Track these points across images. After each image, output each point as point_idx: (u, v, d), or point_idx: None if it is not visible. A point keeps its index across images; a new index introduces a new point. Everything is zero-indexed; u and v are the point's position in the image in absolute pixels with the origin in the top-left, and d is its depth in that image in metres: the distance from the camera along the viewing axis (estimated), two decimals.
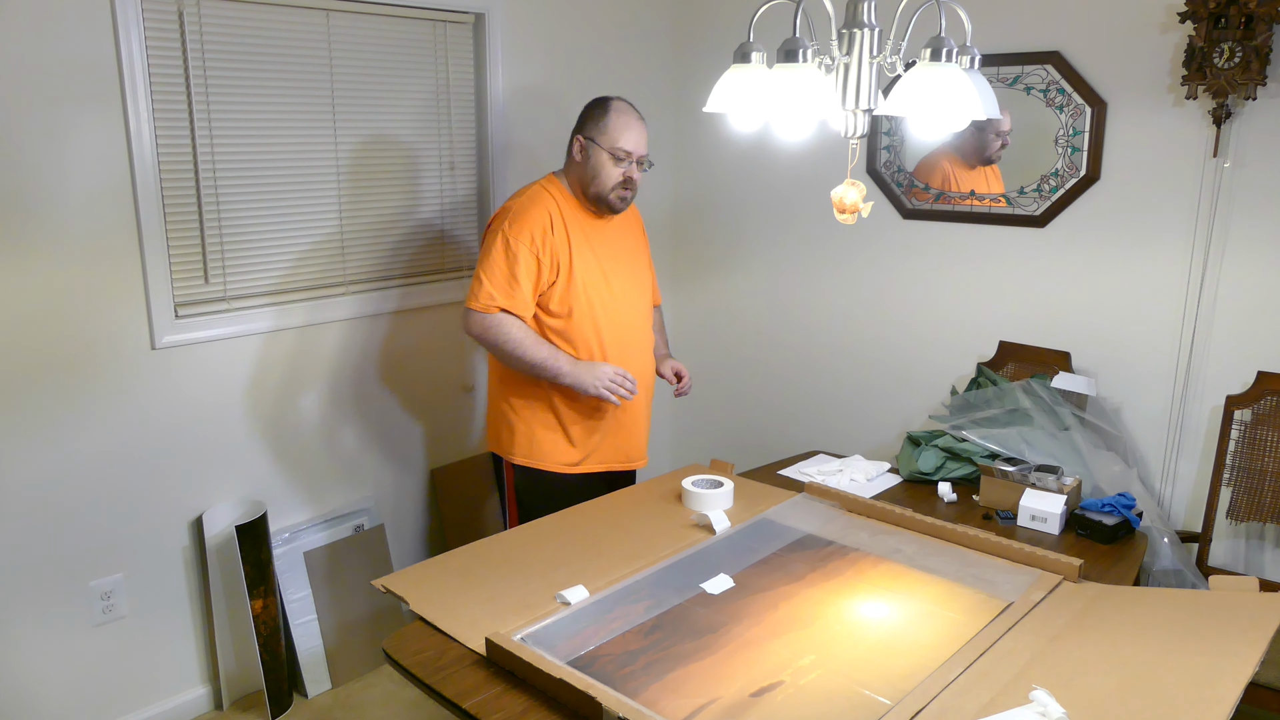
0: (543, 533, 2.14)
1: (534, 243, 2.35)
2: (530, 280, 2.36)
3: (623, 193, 2.42)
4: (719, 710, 1.49)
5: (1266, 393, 2.57)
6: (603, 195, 2.41)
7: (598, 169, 2.39)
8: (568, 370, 2.37)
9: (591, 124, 2.41)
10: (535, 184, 2.49)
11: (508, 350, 2.37)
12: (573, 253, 2.41)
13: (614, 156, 2.38)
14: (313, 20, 2.67)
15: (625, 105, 2.43)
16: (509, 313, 2.36)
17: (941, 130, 1.83)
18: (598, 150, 2.38)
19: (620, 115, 2.39)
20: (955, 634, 1.69)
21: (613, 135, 2.37)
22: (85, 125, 2.29)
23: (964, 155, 3.01)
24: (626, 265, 2.55)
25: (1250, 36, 2.38)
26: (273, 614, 2.70)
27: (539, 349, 2.37)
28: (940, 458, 2.57)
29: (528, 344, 2.36)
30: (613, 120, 2.38)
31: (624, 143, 2.37)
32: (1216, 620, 1.67)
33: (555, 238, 2.39)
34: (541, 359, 2.36)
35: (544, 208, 2.40)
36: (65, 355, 2.35)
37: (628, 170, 2.40)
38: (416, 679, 1.61)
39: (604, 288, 2.47)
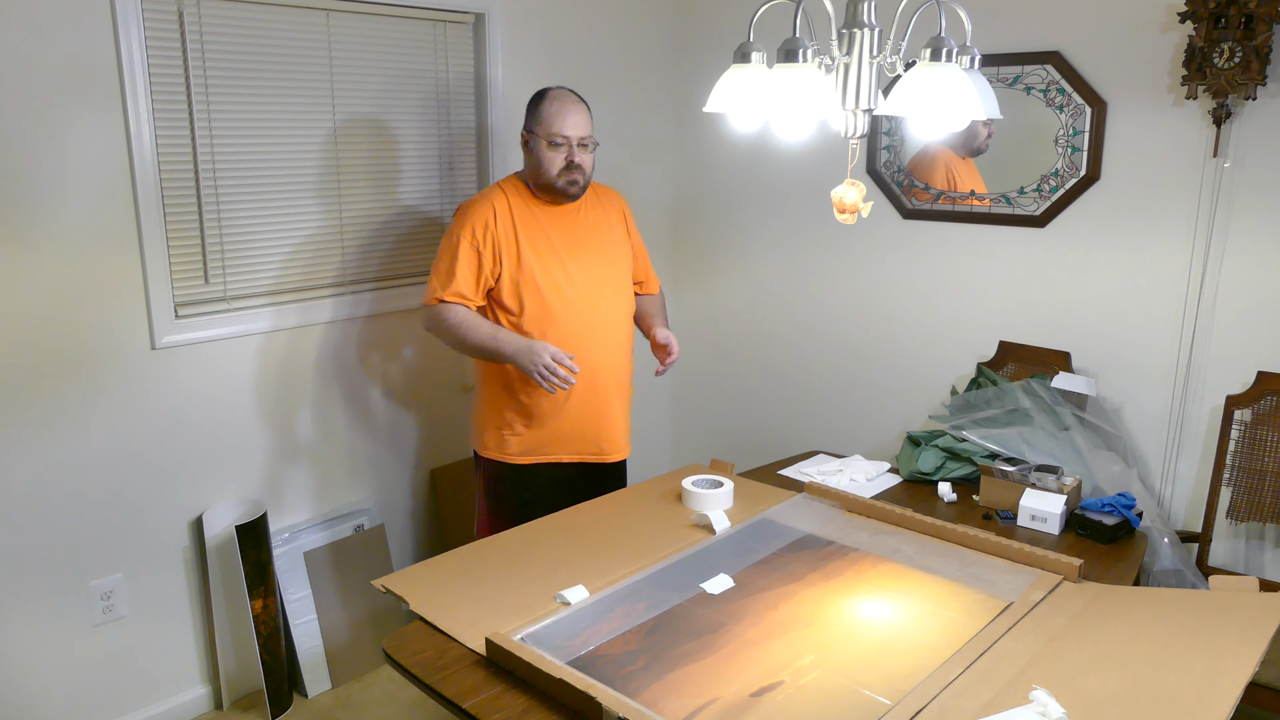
0: (543, 533, 2.14)
1: (473, 235, 2.39)
2: (470, 269, 2.39)
3: (570, 176, 2.41)
4: (719, 710, 1.49)
5: (1266, 393, 2.57)
6: (551, 183, 2.42)
7: (540, 158, 2.41)
8: (509, 351, 2.34)
9: (530, 116, 2.44)
10: (493, 184, 2.55)
11: (452, 335, 2.40)
12: (520, 244, 2.41)
13: (551, 143, 2.39)
14: (313, 20, 2.67)
15: (561, 92, 2.45)
16: (449, 302, 2.39)
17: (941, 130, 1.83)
18: (538, 140, 2.41)
19: (553, 102, 2.41)
20: (955, 634, 1.69)
21: (548, 122, 2.39)
22: (85, 125, 2.29)
23: (954, 146, 3.02)
24: (597, 257, 2.52)
25: (1250, 36, 2.38)
26: (273, 614, 2.70)
27: (479, 330, 2.37)
28: (940, 458, 2.57)
29: (466, 327, 2.37)
30: (546, 108, 2.41)
31: (558, 127, 2.38)
32: (1216, 620, 1.67)
33: (499, 229, 2.41)
34: (482, 340, 2.37)
35: (488, 201, 2.44)
36: (65, 355, 2.35)
37: (569, 154, 2.40)
38: (416, 679, 1.61)
39: (563, 278, 2.45)
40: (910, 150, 3.13)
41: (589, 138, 2.44)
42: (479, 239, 2.40)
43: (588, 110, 2.46)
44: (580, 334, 2.45)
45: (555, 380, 2.29)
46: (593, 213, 2.56)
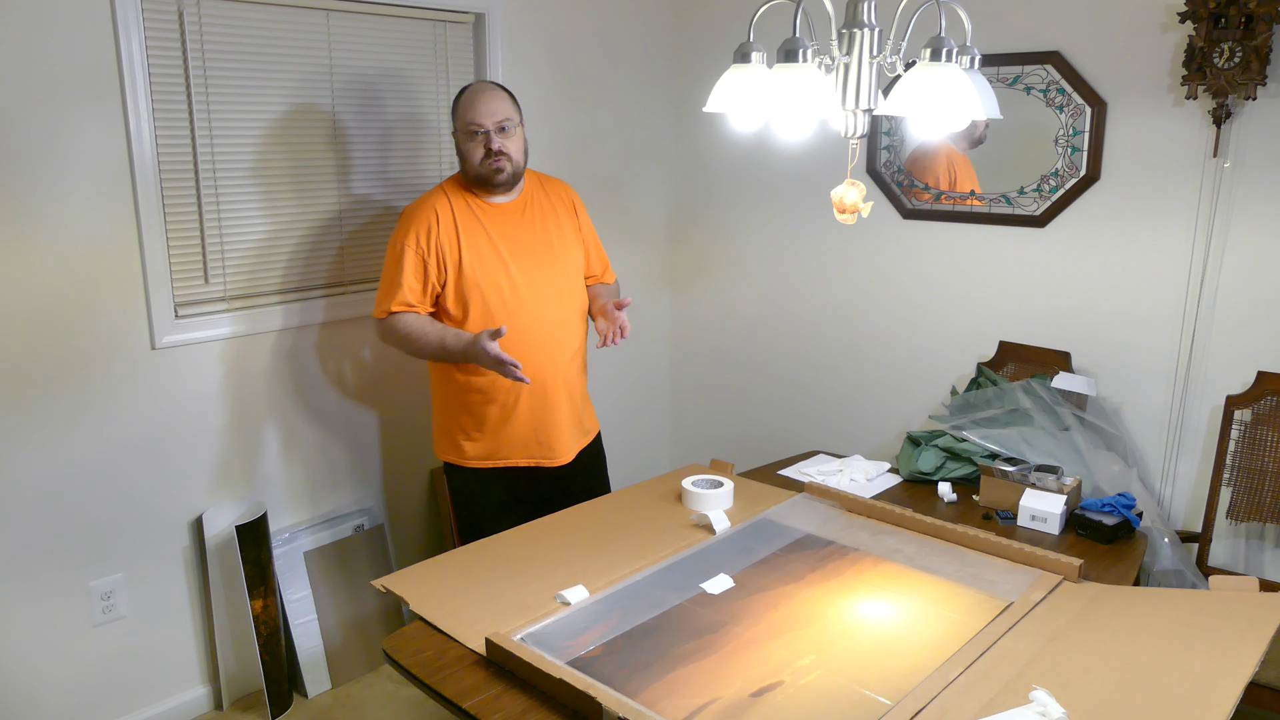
0: (543, 533, 2.14)
1: (418, 242, 2.36)
2: (416, 278, 2.37)
3: (493, 163, 2.37)
4: (719, 710, 1.49)
5: (1266, 393, 2.57)
6: (478, 174, 2.39)
7: (463, 151, 2.40)
8: (458, 352, 2.31)
9: (453, 115, 2.44)
10: (436, 185, 2.52)
11: (405, 343, 2.38)
12: (462, 247, 2.38)
13: (469, 134, 2.37)
14: (313, 20, 2.67)
15: (478, 84, 2.44)
16: (397, 312, 2.37)
17: (941, 130, 1.83)
18: (458, 136, 2.41)
19: (466, 94, 2.40)
20: (955, 634, 1.69)
21: (462, 114, 2.38)
22: (85, 125, 2.29)
23: (954, 140, 3.02)
24: (542, 255, 2.47)
25: (1250, 36, 2.38)
26: (273, 614, 2.70)
27: (428, 336, 2.35)
28: (940, 458, 2.57)
29: (415, 335, 2.35)
30: (461, 101, 2.40)
31: (471, 116, 2.36)
32: (1216, 620, 1.67)
33: (442, 233, 2.37)
34: (432, 346, 2.35)
35: (430, 206, 2.40)
36: (65, 355, 2.35)
37: (486, 141, 2.35)
38: (416, 679, 1.61)
39: (504, 279, 2.41)
40: (909, 148, 3.13)
41: (507, 120, 2.38)
42: (423, 246, 2.36)
43: (506, 94, 2.42)
44: (526, 338, 2.41)
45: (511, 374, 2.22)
46: (539, 209, 2.51)
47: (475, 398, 2.44)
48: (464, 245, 2.39)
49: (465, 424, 2.47)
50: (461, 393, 2.45)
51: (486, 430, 2.47)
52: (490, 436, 2.47)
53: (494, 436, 2.47)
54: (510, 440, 2.47)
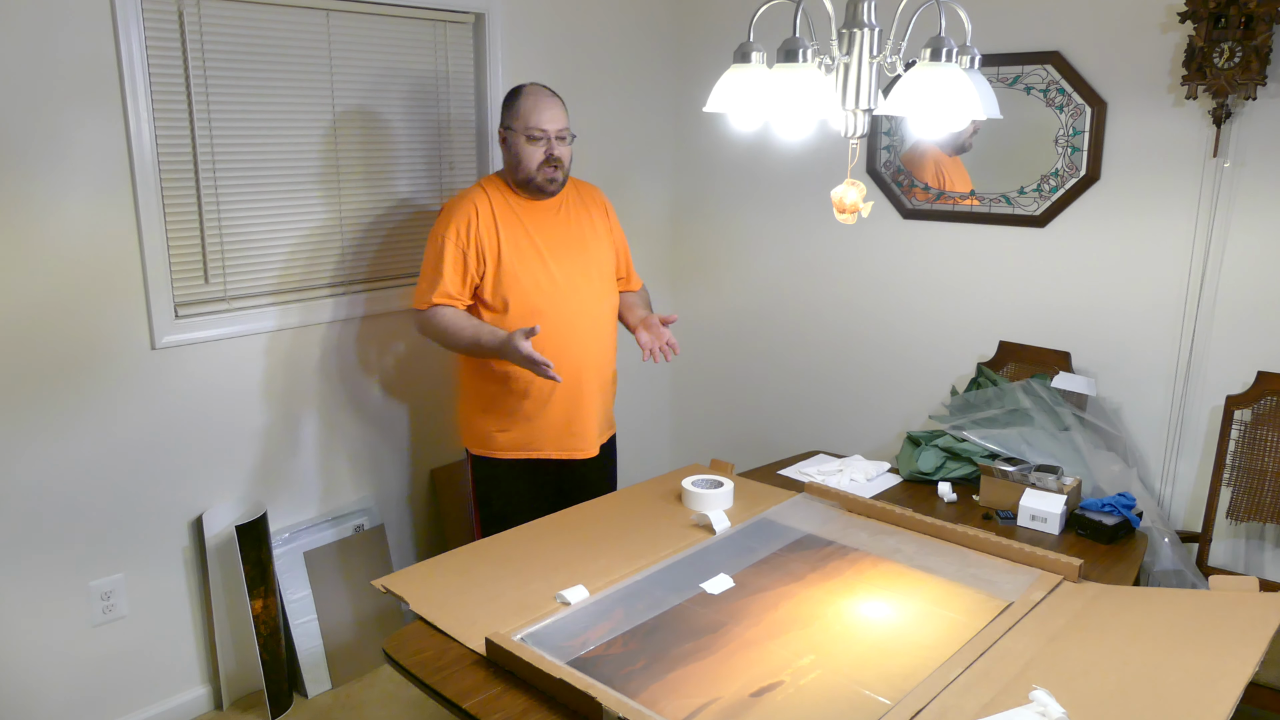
0: (543, 533, 2.14)
1: (458, 235, 2.41)
2: (456, 270, 2.42)
3: (549, 172, 2.44)
4: (719, 710, 1.49)
5: (1266, 393, 2.57)
6: (530, 178, 2.44)
7: (519, 153, 2.43)
8: (491, 349, 2.35)
9: (507, 113, 2.46)
10: (475, 182, 2.58)
11: (444, 337, 2.44)
12: (501, 242, 2.44)
13: (530, 137, 2.41)
14: (313, 20, 2.67)
15: (536, 87, 2.48)
16: (438, 304, 2.42)
17: (941, 130, 1.83)
18: (515, 135, 2.43)
19: (529, 97, 2.43)
20: (955, 634, 1.69)
21: (525, 117, 2.41)
22: (85, 124, 2.29)
23: (941, 144, 3.03)
24: (577, 253, 2.54)
25: (1250, 36, 2.38)
26: (273, 614, 2.70)
27: (463, 332, 2.40)
28: (940, 458, 2.57)
29: (453, 328, 2.41)
30: (523, 103, 2.43)
31: (536, 121, 2.40)
32: (1216, 620, 1.67)
33: (481, 227, 2.43)
34: (467, 342, 2.40)
35: (470, 201, 2.46)
36: (65, 355, 2.35)
37: (546, 148, 2.42)
38: (416, 679, 1.61)
39: (543, 275, 2.47)
40: (907, 148, 3.13)
41: (566, 130, 2.46)
42: (463, 239, 2.42)
43: (563, 104, 2.48)
44: (563, 331, 2.47)
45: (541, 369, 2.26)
46: (574, 209, 2.58)
47: (510, 388, 2.48)
48: (503, 240, 2.44)
49: (498, 414, 2.52)
50: (495, 383, 2.49)
51: (519, 420, 2.51)
52: (523, 427, 2.52)
53: (526, 427, 2.52)
54: (543, 431, 2.53)
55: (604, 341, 2.59)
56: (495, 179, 2.53)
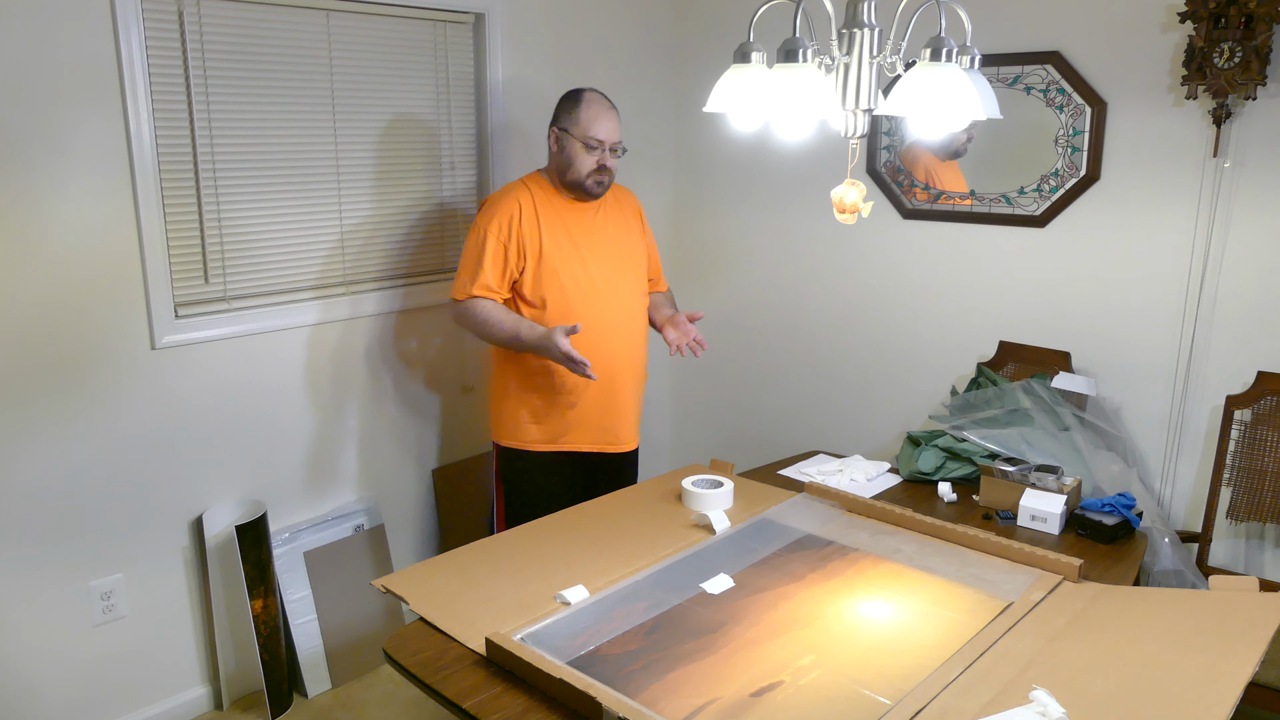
0: (543, 533, 2.14)
1: (500, 230, 2.47)
2: (496, 265, 2.48)
3: (598, 178, 2.51)
4: (719, 710, 1.49)
5: (1266, 393, 2.57)
6: (579, 182, 2.51)
7: (572, 158, 2.49)
8: (530, 344, 2.42)
9: (565, 115, 2.51)
10: (518, 180, 2.61)
11: (481, 329, 2.49)
12: (543, 239, 2.50)
13: (586, 145, 2.47)
14: (313, 20, 2.67)
15: (596, 96, 2.52)
16: (478, 297, 2.48)
17: (941, 130, 1.83)
18: (571, 140, 2.48)
19: (591, 106, 2.48)
20: (955, 634, 1.69)
21: (584, 125, 2.47)
22: (85, 125, 2.29)
23: (934, 149, 3.03)
24: (614, 253, 2.61)
25: (1250, 36, 2.38)
26: (273, 614, 2.70)
27: (503, 326, 2.46)
28: (940, 458, 2.57)
29: (492, 322, 2.46)
30: (584, 111, 2.48)
31: (595, 131, 2.47)
32: (1216, 620, 1.67)
33: (524, 224, 2.49)
34: (506, 335, 2.46)
35: (514, 197, 2.52)
36: (65, 355, 2.35)
37: (600, 158, 2.49)
38: (416, 679, 1.61)
39: (582, 273, 2.53)
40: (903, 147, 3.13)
41: (620, 143, 2.53)
42: (505, 235, 2.48)
43: (619, 116, 2.55)
44: (599, 327, 2.52)
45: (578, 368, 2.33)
46: (611, 211, 2.65)
47: (549, 381, 2.53)
48: (545, 237, 2.50)
49: (534, 406, 2.57)
50: (532, 375, 2.54)
51: (555, 413, 2.56)
52: (558, 420, 2.57)
53: (562, 420, 2.57)
54: (579, 425, 2.58)
55: (637, 339, 2.66)
56: (539, 177, 2.59)
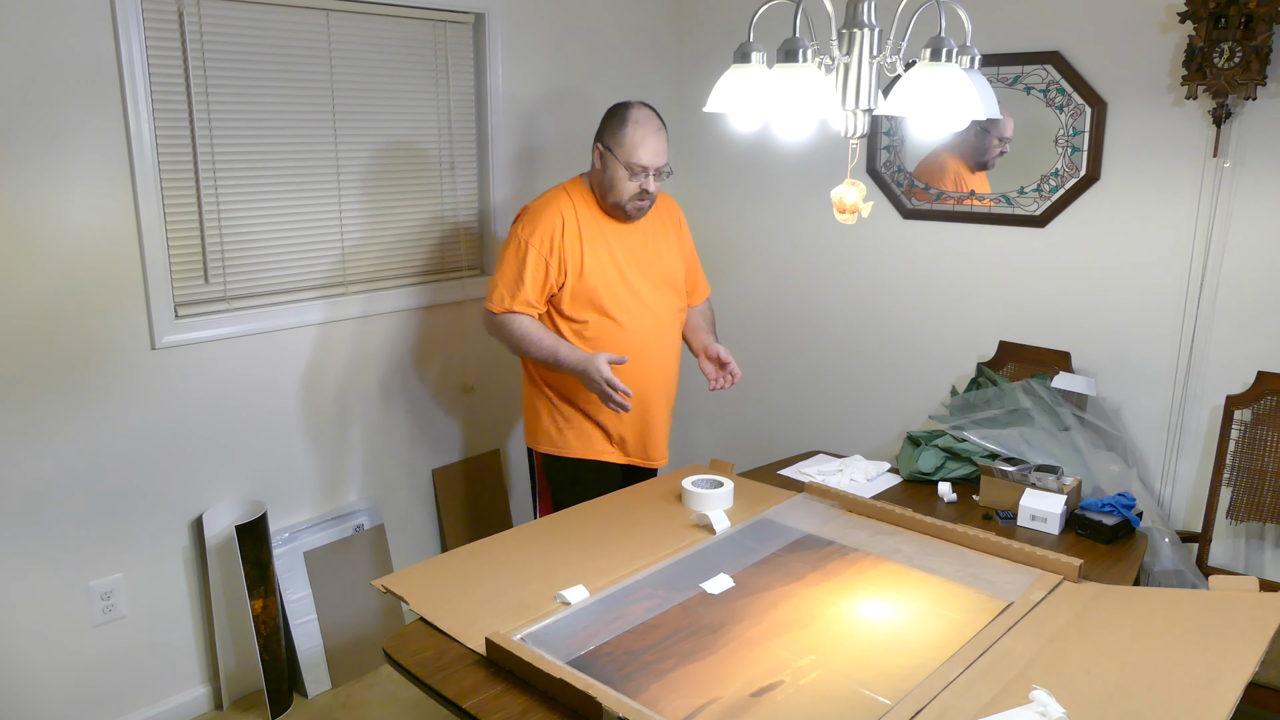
0: (543, 533, 2.14)
1: (543, 244, 2.40)
2: (537, 281, 2.41)
3: (639, 203, 2.43)
4: (719, 710, 1.49)
5: (1266, 393, 2.57)
6: (620, 205, 2.43)
7: (614, 180, 2.40)
8: (568, 366, 2.38)
9: (609, 133, 2.41)
10: (559, 185, 2.53)
11: (518, 344, 2.44)
12: (584, 254, 2.43)
13: (630, 170, 2.38)
14: (313, 20, 2.67)
15: (644, 115, 2.40)
16: (516, 311, 2.42)
17: (941, 130, 1.83)
18: (614, 162, 2.39)
19: (637, 127, 2.36)
20: (955, 634, 1.69)
21: (628, 149, 2.36)
22: (85, 125, 2.29)
23: (963, 156, 3.02)
24: (653, 268, 2.54)
25: (1250, 36, 2.38)
26: (273, 614, 2.70)
27: (542, 344, 2.40)
28: (940, 458, 2.56)
29: (530, 339, 2.41)
30: (629, 133, 2.36)
31: (639, 157, 2.36)
32: (1216, 620, 1.67)
33: (566, 240, 2.41)
34: (544, 354, 2.40)
35: (557, 209, 2.43)
36: (65, 355, 2.35)
37: (643, 183, 2.39)
38: (416, 679, 1.61)
39: (622, 289, 2.47)
40: (910, 150, 3.13)
41: (666, 165, 2.43)
42: (547, 250, 2.40)
43: (666, 132, 2.45)
44: (636, 344, 2.49)
45: (614, 400, 2.31)
46: (652, 223, 2.58)
47: (584, 395, 2.47)
48: (586, 252, 2.43)
49: (567, 416, 2.53)
50: (567, 387, 2.49)
51: (590, 423, 2.53)
52: (592, 431, 2.53)
53: (596, 431, 2.53)
54: (632, 439, 2.55)
55: (671, 356, 2.61)
56: (581, 186, 2.51)
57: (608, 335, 2.46)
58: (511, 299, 2.42)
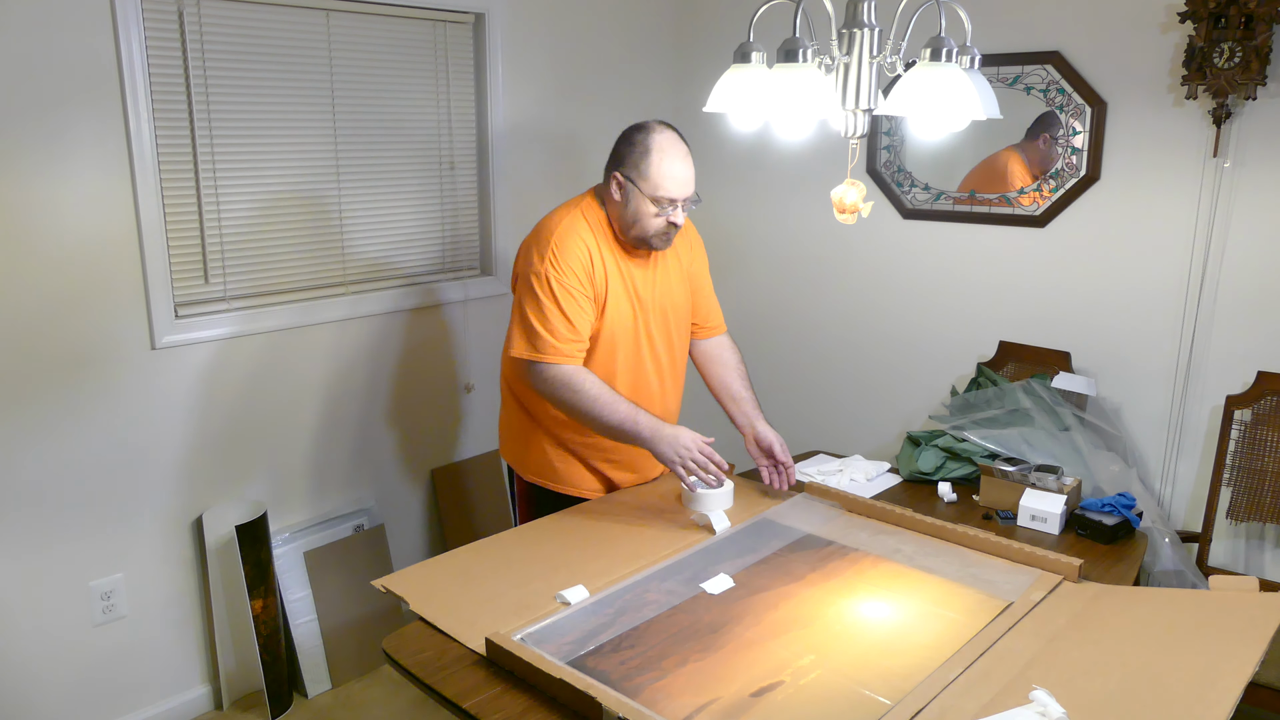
0: (543, 533, 2.14)
1: (580, 280, 2.10)
2: (586, 321, 2.12)
3: (666, 235, 2.15)
4: (719, 710, 1.49)
5: (1266, 393, 2.57)
6: (644, 239, 2.15)
7: (638, 214, 2.10)
8: (648, 435, 2.06)
9: (630, 162, 2.09)
10: (572, 210, 2.18)
11: (583, 410, 2.08)
12: (609, 287, 2.16)
13: (655, 203, 2.09)
14: (313, 20, 2.67)
15: (668, 140, 2.10)
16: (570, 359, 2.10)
17: (941, 130, 1.83)
18: (637, 195, 2.09)
19: (663, 158, 2.07)
20: (955, 634, 1.69)
21: (654, 182, 2.07)
22: (85, 125, 2.29)
23: (1030, 163, 2.90)
24: (663, 297, 2.28)
25: (1250, 36, 2.38)
26: (273, 614, 2.70)
27: (617, 409, 2.07)
28: (940, 458, 2.56)
29: (603, 402, 2.06)
30: (654, 163, 2.07)
31: (668, 189, 2.07)
32: (1216, 620, 1.67)
33: (595, 274, 2.14)
34: (619, 420, 2.07)
35: (581, 242, 2.12)
36: (65, 355, 2.35)
37: (670, 216, 2.11)
38: (416, 679, 1.61)
39: (632, 324, 2.22)
40: (911, 150, 3.13)
41: (694, 193, 2.16)
42: (584, 284, 2.10)
43: (691, 156, 2.16)
44: (641, 382, 2.28)
45: (708, 478, 2.07)
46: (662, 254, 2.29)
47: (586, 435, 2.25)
48: (610, 286, 2.16)
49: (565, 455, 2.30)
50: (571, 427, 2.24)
51: (585, 463, 2.31)
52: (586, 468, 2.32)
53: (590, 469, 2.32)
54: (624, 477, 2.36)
55: (675, 389, 2.39)
56: (597, 211, 2.17)
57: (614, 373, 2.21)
58: (571, 346, 2.08)
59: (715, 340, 2.46)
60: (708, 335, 2.45)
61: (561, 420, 2.24)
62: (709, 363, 2.45)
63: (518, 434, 2.35)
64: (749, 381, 2.45)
